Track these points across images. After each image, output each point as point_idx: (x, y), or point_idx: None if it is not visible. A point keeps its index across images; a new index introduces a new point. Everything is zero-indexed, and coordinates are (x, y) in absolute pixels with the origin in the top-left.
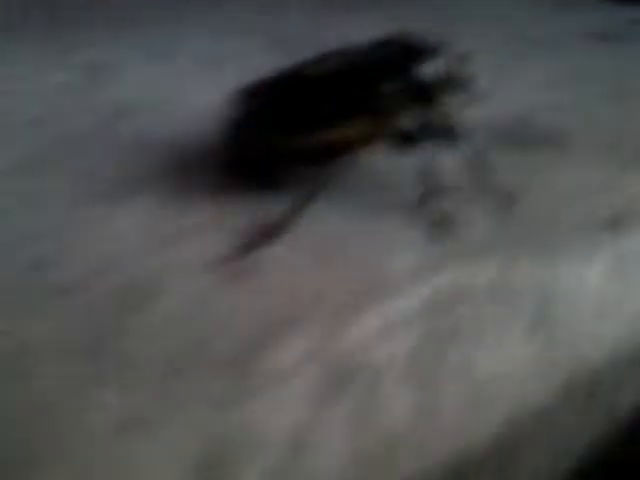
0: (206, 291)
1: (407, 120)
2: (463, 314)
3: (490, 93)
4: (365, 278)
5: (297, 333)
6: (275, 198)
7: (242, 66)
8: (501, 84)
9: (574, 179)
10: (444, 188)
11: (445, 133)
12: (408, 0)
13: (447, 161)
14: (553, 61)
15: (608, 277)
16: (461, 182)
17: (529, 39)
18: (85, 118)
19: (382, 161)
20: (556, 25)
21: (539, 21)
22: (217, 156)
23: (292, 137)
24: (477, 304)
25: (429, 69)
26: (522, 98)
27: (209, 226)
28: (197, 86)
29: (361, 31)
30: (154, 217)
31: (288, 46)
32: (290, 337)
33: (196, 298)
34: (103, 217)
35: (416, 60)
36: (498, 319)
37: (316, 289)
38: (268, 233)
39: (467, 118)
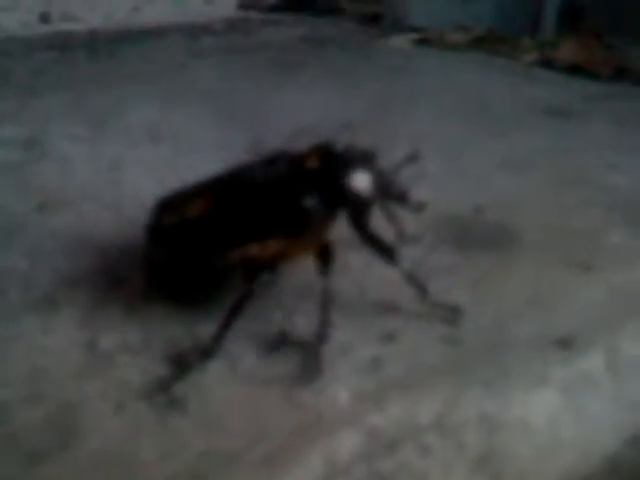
0: (138, 427)
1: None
2: (406, 455)
3: (427, 203)
4: (302, 416)
5: (233, 477)
6: (202, 312)
7: (182, 142)
8: (454, 170)
9: (524, 288)
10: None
11: (380, 246)
12: (363, 70)
13: (387, 275)
14: (509, 142)
15: (560, 403)
16: (402, 297)
17: (486, 115)
18: (8, 209)
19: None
20: (513, 99)
21: (496, 95)
22: (143, 265)
23: (214, 253)
24: (421, 443)
25: (361, 179)
26: (474, 189)
27: (139, 345)
28: (131, 170)
29: (312, 106)
30: (84, 332)
31: (235, 117)
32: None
33: (126, 436)
34: (34, 330)
35: (346, 170)
36: (443, 456)
37: (252, 427)
38: (200, 354)
39: (412, 220)
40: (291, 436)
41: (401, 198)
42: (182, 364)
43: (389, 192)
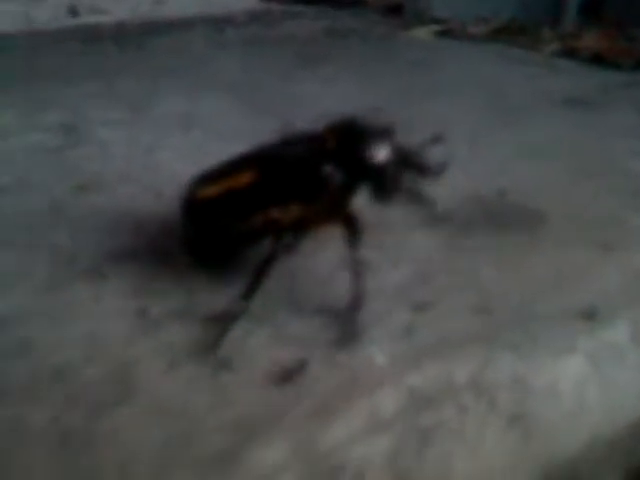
0: (189, 382)
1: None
2: (444, 412)
3: (443, 174)
4: (343, 375)
5: (281, 430)
6: (241, 279)
7: (212, 129)
8: (476, 156)
9: (549, 266)
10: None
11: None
12: (386, 62)
13: (418, 251)
14: (529, 130)
15: (586, 371)
16: (433, 270)
17: (506, 105)
18: (53, 189)
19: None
20: (533, 89)
21: (517, 85)
22: (182, 239)
23: (238, 220)
24: (458, 402)
25: (378, 150)
26: (497, 174)
27: (185, 312)
28: (166, 154)
29: (335, 96)
30: (133, 301)
31: (260, 106)
32: (274, 435)
33: (178, 390)
34: (86, 299)
35: (363, 141)
36: (478, 414)
37: (297, 385)
38: (233, 314)
39: (440, 200)
40: (334, 393)
41: (421, 168)
42: (222, 326)
43: (408, 163)
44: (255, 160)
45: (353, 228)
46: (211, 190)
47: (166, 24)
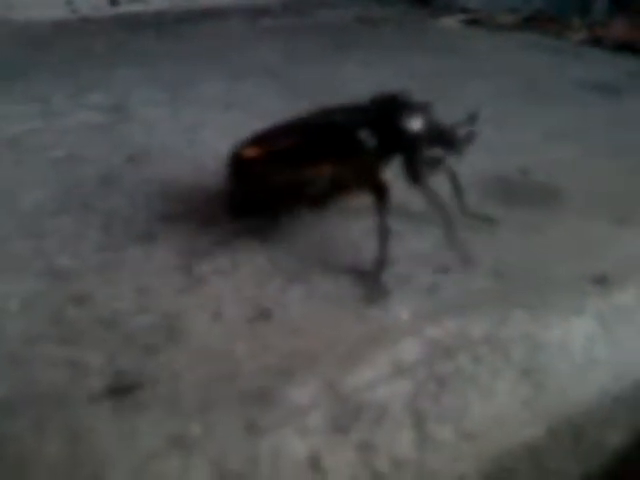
0: (231, 331)
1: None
2: (460, 362)
3: (467, 149)
4: (370, 327)
5: (314, 371)
6: (280, 242)
7: (250, 109)
8: (502, 138)
9: (564, 236)
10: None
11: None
12: (416, 48)
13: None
14: (556, 115)
15: (595, 330)
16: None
17: (534, 90)
18: (104, 161)
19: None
20: (561, 76)
21: (545, 72)
22: (228, 205)
23: (278, 177)
24: (474, 353)
25: (413, 121)
26: (521, 155)
27: (229, 270)
28: (207, 131)
29: (368, 81)
30: (181, 260)
31: (297, 89)
32: (307, 375)
33: (221, 337)
34: (137, 258)
35: (402, 114)
36: (492, 365)
37: (328, 334)
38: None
39: (465, 172)
40: (361, 343)
41: (450, 144)
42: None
43: (439, 139)
44: (298, 125)
45: (382, 196)
46: (255, 149)
47: (203, 13)
